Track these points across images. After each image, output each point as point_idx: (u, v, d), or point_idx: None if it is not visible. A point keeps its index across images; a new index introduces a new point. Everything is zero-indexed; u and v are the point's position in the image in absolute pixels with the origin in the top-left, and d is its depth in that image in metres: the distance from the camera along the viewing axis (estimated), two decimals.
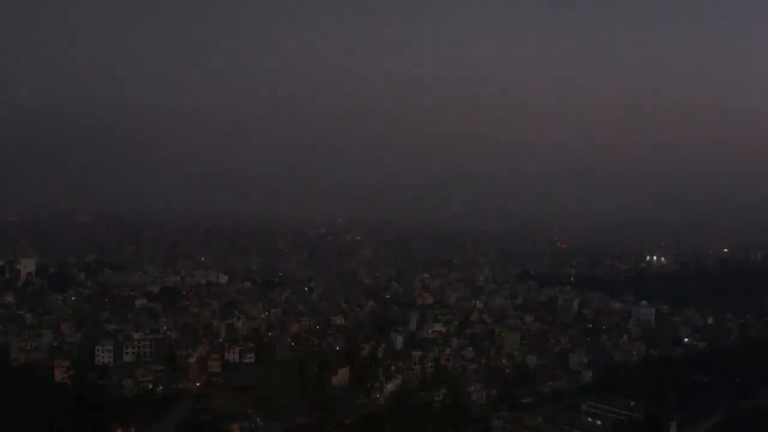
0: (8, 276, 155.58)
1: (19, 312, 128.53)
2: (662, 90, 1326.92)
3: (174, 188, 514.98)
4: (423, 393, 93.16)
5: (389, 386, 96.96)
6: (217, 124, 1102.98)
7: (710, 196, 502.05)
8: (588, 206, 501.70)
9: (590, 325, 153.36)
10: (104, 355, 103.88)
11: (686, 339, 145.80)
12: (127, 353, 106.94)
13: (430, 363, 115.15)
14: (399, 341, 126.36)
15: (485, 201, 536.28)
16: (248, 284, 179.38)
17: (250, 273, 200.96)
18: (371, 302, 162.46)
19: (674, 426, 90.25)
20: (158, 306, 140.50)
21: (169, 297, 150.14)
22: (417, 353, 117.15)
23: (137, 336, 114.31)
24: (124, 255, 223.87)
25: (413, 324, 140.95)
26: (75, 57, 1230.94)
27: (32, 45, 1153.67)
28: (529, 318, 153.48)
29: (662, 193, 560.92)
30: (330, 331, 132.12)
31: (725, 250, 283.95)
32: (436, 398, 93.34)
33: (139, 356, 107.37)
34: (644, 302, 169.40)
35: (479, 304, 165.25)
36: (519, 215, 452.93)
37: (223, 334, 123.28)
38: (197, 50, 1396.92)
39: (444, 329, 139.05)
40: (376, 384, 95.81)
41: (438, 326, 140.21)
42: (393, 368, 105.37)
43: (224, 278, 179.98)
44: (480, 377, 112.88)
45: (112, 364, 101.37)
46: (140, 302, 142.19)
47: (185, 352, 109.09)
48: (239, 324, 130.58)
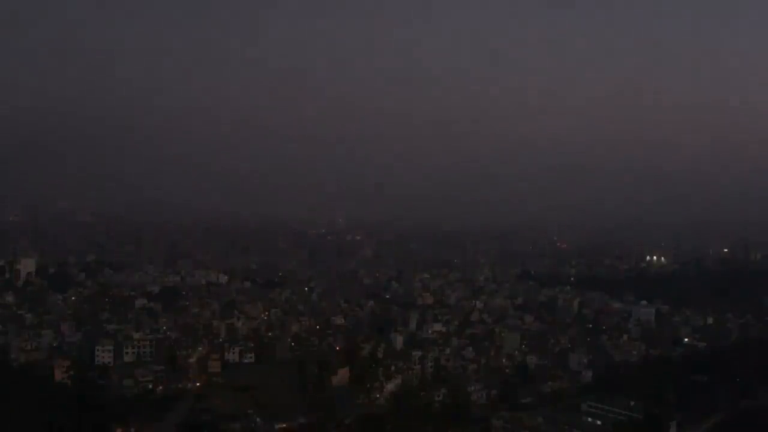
0: (8, 276, 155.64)
1: (19, 312, 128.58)
2: (662, 90, 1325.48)
3: (174, 188, 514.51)
4: (423, 393, 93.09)
5: (389, 386, 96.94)
6: (217, 124, 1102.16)
7: (710, 196, 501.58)
8: (588, 206, 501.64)
9: (590, 325, 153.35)
10: (104, 355, 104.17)
11: (686, 339, 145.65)
12: (127, 353, 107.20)
13: (430, 363, 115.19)
14: (399, 341, 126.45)
15: (485, 201, 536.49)
16: (248, 284, 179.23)
17: (250, 273, 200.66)
18: (371, 302, 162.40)
19: (674, 426, 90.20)
20: (158, 306, 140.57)
21: (169, 297, 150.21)
22: (417, 353, 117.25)
23: (137, 336, 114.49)
24: (124, 255, 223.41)
25: (413, 324, 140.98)
26: (75, 57, 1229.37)
27: (32, 44, 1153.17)
28: (529, 318, 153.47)
29: (662, 193, 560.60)
30: (330, 331, 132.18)
31: (725, 250, 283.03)
32: (436, 398, 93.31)
33: (139, 356, 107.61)
34: (644, 302, 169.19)
35: (479, 304, 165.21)
36: (519, 215, 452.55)
37: (223, 334, 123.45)
38: (197, 50, 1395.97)
39: (444, 329, 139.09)
40: (376, 384, 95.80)
41: (438, 326, 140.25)
42: (393, 368, 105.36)
43: (224, 278, 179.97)
44: (480, 377, 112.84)
45: (112, 364, 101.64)
46: (140, 302, 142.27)
47: (185, 352, 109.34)
48: (239, 324, 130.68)
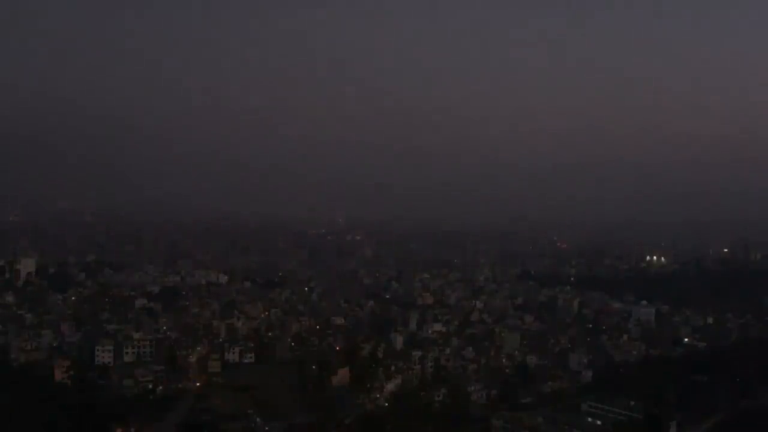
0: (8, 276, 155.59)
1: (19, 312, 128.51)
2: (662, 90, 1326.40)
3: (174, 188, 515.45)
4: (423, 393, 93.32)
5: (389, 386, 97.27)
6: (217, 125, 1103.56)
7: (710, 196, 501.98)
8: (588, 206, 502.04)
9: (590, 325, 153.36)
10: (104, 355, 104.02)
11: (686, 339, 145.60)
12: (127, 353, 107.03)
13: (430, 363, 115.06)
14: (399, 341, 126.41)
15: (485, 201, 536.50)
16: (248, 284, 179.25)
17: (250, 273, 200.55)
18: (371, 302, 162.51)
19: (674, 426, 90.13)
20: (158, 306, 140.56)
21: (169, 297, 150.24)
22: (417, 353, 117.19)
23: (137, 336, 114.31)
24: (124, 255, 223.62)
25: (413, 324, 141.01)
26: (75, 57, 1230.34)
27: (33, 44, 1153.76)
28: (529, 318, 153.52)
29: (662, 193, 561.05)
30: (330, 331, 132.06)
31: (725, 250, 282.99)
32: (436, 398, 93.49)
33: (139, 356, 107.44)
34: (644, 302, 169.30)
35: (479, 304, 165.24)
36: (519, 215, 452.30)
37: (223, 334, 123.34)
38: (197, 50, 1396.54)
39: (444, 329, 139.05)
40: (376, 384, 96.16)
41: (438, 326, 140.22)
42: (393, 368, 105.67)
43: (224, 278, 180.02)
44: (480, 377, 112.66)
45: (112, 364, 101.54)
46: (140, 302, 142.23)
47: (185, 352, 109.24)
48: (239, 324, 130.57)
